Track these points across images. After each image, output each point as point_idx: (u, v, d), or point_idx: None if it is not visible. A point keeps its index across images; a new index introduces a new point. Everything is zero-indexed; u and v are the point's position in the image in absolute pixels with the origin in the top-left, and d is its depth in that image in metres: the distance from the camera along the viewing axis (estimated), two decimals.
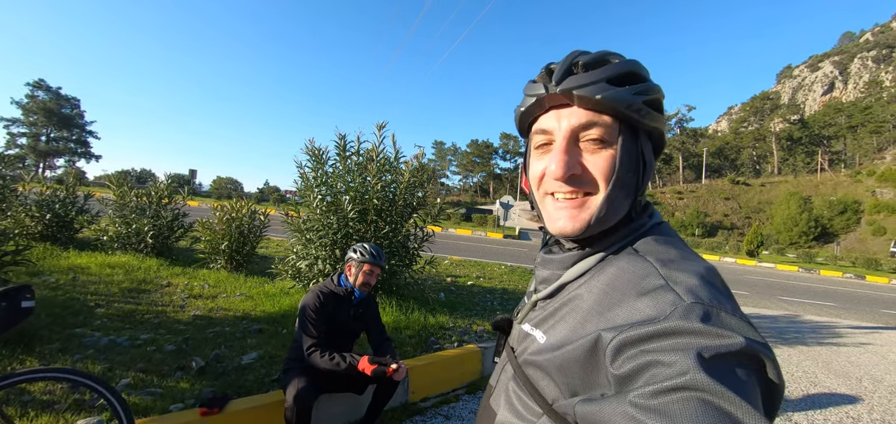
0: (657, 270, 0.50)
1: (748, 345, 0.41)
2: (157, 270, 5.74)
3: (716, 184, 62.31)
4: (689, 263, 0.51)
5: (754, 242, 29.78)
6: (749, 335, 0.42)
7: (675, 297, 0.46)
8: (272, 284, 5.53)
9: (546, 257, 0.66)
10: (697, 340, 0.41)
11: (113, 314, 4.00)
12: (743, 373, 0.40)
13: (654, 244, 0.56)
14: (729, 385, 0.38)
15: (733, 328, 0.42)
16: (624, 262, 0.55)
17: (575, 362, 0.50)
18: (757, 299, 10.13)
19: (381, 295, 5.06)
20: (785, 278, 17.08)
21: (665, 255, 0.53)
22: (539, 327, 0.61)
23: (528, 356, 0.60)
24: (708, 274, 0.50)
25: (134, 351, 3.26)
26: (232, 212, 6.24)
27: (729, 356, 0.40)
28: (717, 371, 0.39)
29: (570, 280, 0.60)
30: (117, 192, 6.73)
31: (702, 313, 0.43)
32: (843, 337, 6.76)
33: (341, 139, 4.89)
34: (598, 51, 0.59)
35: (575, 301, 0.57)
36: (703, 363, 0.39)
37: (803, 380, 4.49)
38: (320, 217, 4.71)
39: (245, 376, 3.04)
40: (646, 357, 0.42)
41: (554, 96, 0.57)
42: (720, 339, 0.41)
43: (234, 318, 4.22)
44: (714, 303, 0.45)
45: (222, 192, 52.23)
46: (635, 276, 0.51)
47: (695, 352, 0.40)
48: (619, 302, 0.50)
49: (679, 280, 0.48)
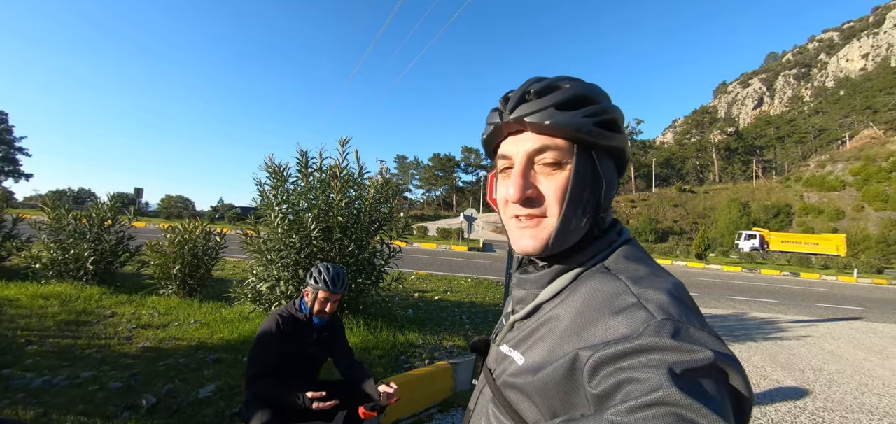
0: (629, 288, 0.52)
1: (717, 359, 0.43)
2: (100, 299, 5.28)
3: (665, 192, 66.06)
4: (659, 280, 0.54)
5: (701, 245, 31.79)
6: (717, 349, 0.44)
7: (647, 315, 0.47)
8: (230, 309, 5.23)
9: (521, 277, 0.67)
10: (669, 356, 0.42)
11: (47, 351, 3.63)
12: (713, 386, 0.42)
13: (625, 261, 0.59)
14: (700, 399, 0.39)
15: (702, 342, 0.44)
16: (597, 281, 0.56)
17: (554, 383, 0.50)
18: (707, 300, 10.77)
19: (348, 314, 4.92)
20: (730, 278, 18.30)
21: (636, 273, 0.56)
22: (517, 348, 0.61)
23: (507, 378, 0.60)
24: (676, 291, 0.52)
25: (73, 392, 2.96)
26: (184, 233, 5.87)
27: (699, 370, 0.42)
28: (688, 385, 0.40)
29: (546, 299, 0.61)
30: (52, 215, 6.15)
31: (672, 329, 0.45)
32: (785, 332, 7.30)
33: (303, 155, 4.74)
34: (554, 77, 0.61)
35: (552, 321, 0.58)
36: (674, 378, 0.40)
37: (754, 374, 4.79)
38: (282, 236, 4.52)
39: (202, 411, 2.84)
40: (621, 375, 0.44)
41: (509, 123, 0.60)
42: (690, 354, 0.42)
43: (188, 348, 3.94)
44: (683, 319, 0.47)
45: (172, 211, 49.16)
46: (609, 295, 0.53)
47: (667, 368, 0.41)
48: (594, 321, 0.51)
49: (650, 297, 0.50)
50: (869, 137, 63.26)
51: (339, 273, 2.29)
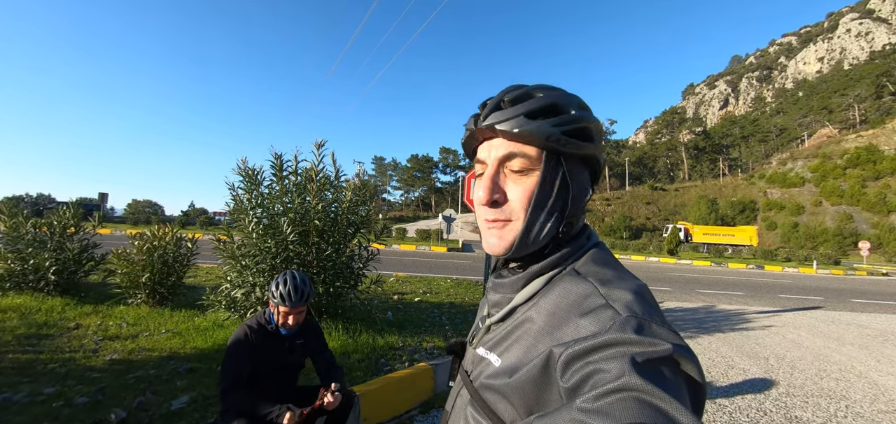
0: (597, 290, 0.55)
1: (675, 351, 0.46)
2: (62, 311, 5.04)
3: (638, 190, 68.04)
4: (625, 282, 0.57)
5: (673, 242, 32.87)
6: (676, 342, 0.48)
7: (613, 313, 0.51)
8: (203, 317, 5.09)
9: (496, 281, 0.69)
10: (632, 348, 0.46)
11: (6, 367, 3.45)
12: (671, 375, 0.46)
13: (594, 265, 0.62)
14: (659, 385, 0.43)
15: (662, 337, 0.48)
16: (568, 284, 0.59)
17: (530, 382, 0.53)
18: (679, 293, 11.15)
19: (326, 319, 4.86)
20: (701, 272, 19.01)
21: (604, 275, 0.59)
22: (494, 350, 0.63)
23: (484, 379, 0.61)
24: (641, 292, 0.56)
25: (35, 409, 2.82)
26: (154, 239, 5.67)
27: (659, 360, 0.46)
28: (648, 373, 0.44)
29: (520, 302, 0.63)
30: (9, 223, 5.82)
31: (636, 325, 0.49)
32: (751, 322, 7.64)
33: (277, 158, 4.66)
34: (532, 85, 0.64)
35: (526, 323, 0.60)
36: (636, 367, 0.44)
37: (722, 364, 5.00)
38: (256, 241, 4.43)
39: (176, 422, 2.75)
40: (589, 367, 0.47)
41: (482, 130, 0.63)
42: (651, 347, 0.46)
43: (159, 359, 3.82)
44: (646, 317, 0.50)
45: (140, 217, 47.19)
46: (579, 296, 0.56)
47: (629, 358, 0.45)
48: (566, 321, 0.54)
49: (616, 297, 0.54)
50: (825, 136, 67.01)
51: (300, 284, 2.20)
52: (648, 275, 15.93)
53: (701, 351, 5.54)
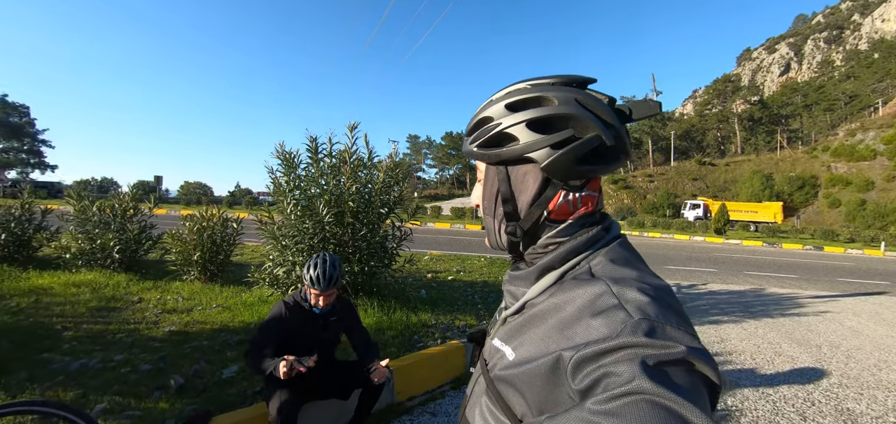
0: (610, 290, 0.54)
1: (689, 353, 0.46)
2: (127, 286, 5.54)
3: (684, 165, 64.44)
4: (641, 282, 0.56)
5: (721, 220, 31.08)
6: (691, 344, 0.47)
7: (625, 315, 0.50)
8: (250, 293, 5.43)
9: (512, 274, 0.70)
10: (644, 351, 0.46)
11: (82, 335, 3.85)
12: (685, 377, 0.45)
13: (611, 263, 0.60)
14: (672, 388, 0.42)
15: (676, 339, 0.47)
16: (581, 283, 0.58)
17: (539, 378, 0.53)
18: (724, 275, 10.61)
19: (362, 297, 5.04)
20: (751, 253, 17.94)
21: (619, 274, 0.58)
22: (508, 342, 0.64)
23: (498, 371, 0.62)
24: (657, 293, 0.54)
25: (108, 374, 3.15)
26: (202, 220, 6.06)
27: (671, 363, 0.45)
28: (661, 376, 0.43)
29: (533, 297, 0.64)
30: (78, 206, 6.42)
31: (648, 328, 0.48)
32: (804, 307, 7.18)
33: (312, 142, 4.81)
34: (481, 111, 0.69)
35: (538, 318, 0.60)
36: (647, 370, 0.44)
37: (768, 350, 4.76)
38: (295, 222, 4.64)
39: (227, 390, 3.00)
40: (601, 370, 0.47)
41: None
42: (664, 350, 0.46)
43: (211, 331, 4.13)
44: (660, 319, 0.49)
45: (191, 198, 50.38)
46: (592, 296, 0.55)
47: (640, 361, 0.44)
48: (577, 321, 0.54)
49: (630, 298, 0.52)
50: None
51: (329, 270, 2.31)
52: (692, 255, 15.24)
53: (745, 336, 5.29)
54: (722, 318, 6.14)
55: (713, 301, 7.43)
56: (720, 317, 6.20)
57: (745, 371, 4.17)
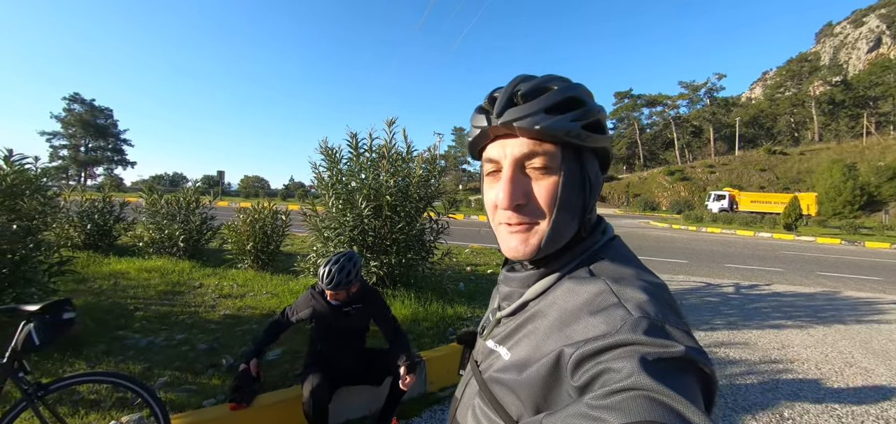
0: (610, 288, 0.54)
1: (687, 352, 0.45)
2: (190, 272, 6.06)
3: (750, 155, 59.47)
4: (639, 281, 0.56)
5: (792, 215, 28.33)
6: (689, 344, 0.47)
7: (624, 313, 0.50)
8: (296, 281, 5.74)
9: (508, 275, 0.69)
10: (643, 348, 0.45)
11: (151, 316, 4.27)
12: (683, 375, 0.45)
13: (609, 263, 0.60)
14: (670, 385, 0.42)
15: (675, 338, 0.47)
16: (580, 282, 0.58)
17: (539, 379, 0.53)
18: (791, 275, 9.71)
19: (400, 288, 5.17)
20: (825, 252, 16.23)
21: (617, 273, 0.58)
22: (503, 344, 0.63)
23: (493, 373, 0.62)
24: (656, 291, 0.54)
25: (170, 351, 3.49)
26: (255, 213, 6.49)
27: (670, 361, 0.45)
28: (659, 373, 0.43)
29: (531, 298, 0.63)
30: (148, 199, 7.10)
31: (648, 325, 0.48)
32: (885, 314, 6.42)
33: (353, 138, 4.99)
34: (541, 77, 0.60)
35: (536, 319, 0.60)
36: (646, 366, 0.43)
37: (837, 360, 4.33)
38: (336, 215, 4.84)
39: (271, 371, 3.21)
40: (600, 367, 0.47)
41: (497, 127, 0.60)
42: (663, 348, 0.45)
43: (261, 316, 4.43)
44: (659, 317, 0.49)
45: (250, 191, 53.93)
46: (591, 295, 0.55)
47: (639, 357, 0.44)
48: (576, 320, 0.54)
49: (629, 296, 0.52)
50: None
51: (337, 273, 2.41)
52: (755, 253, 14.07)
53: (811, 343, 4.84)
54: (785, 322, 5.64)
55: (776, 303, 6.84)
56: (783, 321, 5.70)
57: (807, 381, 3.82)
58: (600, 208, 25.70)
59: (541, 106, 0.57)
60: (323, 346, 2.55)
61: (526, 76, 0.61)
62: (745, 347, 4.61)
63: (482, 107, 0.64)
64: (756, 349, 4.57)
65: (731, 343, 4.73)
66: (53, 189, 4.36)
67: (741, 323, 5.53)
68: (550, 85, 0.59)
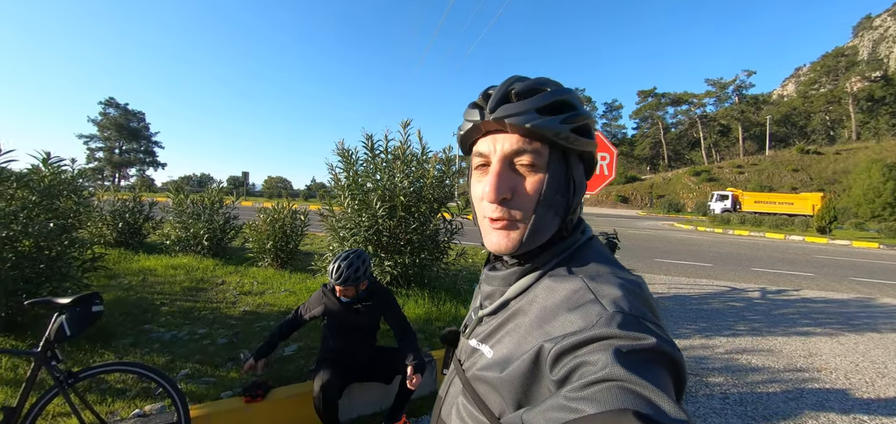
0: (587, 285, 0.56)
1: (658, 344, 0.47)
2: (213, 270, 6.27)
3: (782, 154, 57.12)
4: (615, 278, 0.58)
5: (826, 217, 27.03)
6: (660, 335, 0.49)
7: (600, 309, 0.52)
8: (314, 279, 5.87)
9: (490, 274, 0.71)
10: (617, 342, 0.48)
11: (175, 311, 4.45)
12: (655, 366, 0.47)
13: (586, 261, 0.62)
14: (642, 375, 0.44)
15: (648, 331, 0.49)
16: (559, 280, 0.60)
17: (520, 376, 0.55)
18: (823, 281, 9.29)
19: (414, 287, 5.22)
20: (861, 256, 15.45)
21: (594, 271, 0.60)
22: (485, 342, 0.65)
23: (476, 371, 0.64)
24: (631, 287, 0.56)
25: (192, 345, 3.63)
26: (275, 213, 6.66)
27: (642, 352, 0.47)
28: (632, 364, 0.45)
29: (513, 296, 0.64)
30: (175, 199, 7.40)
31: (622, 319, 0.50)
32: None
33: (369, 139, 5.06)
34: (534, 78, 0.63)
35: (517, 316, 0.62)
36: (620, 358, 0.45)
37: (869, 370, 4.13)
38: (352, 215, 4.93)
39: (286, 366, 3.30)
40: (577, 360, 0.49)
41: (489, 122, 0.62)
42: (636, 340, 0.47)
43: (278, 313, 4.55)
44: (633, 312, 0.51)
45: (273, 192, 55.26)
46: (569, 292, 0.57)
47: (613, 350, 0.46)
48: (555, 316, 0.56)
49: (605, 293, 0.54)
50: None
51: (346, 270, 2.49)
52: (784, 257, 13.52)
53: (841, 352, 4.63)
54: (813, 330, 5.42)
55: (805, 309, 6.56)
56: (812, 328, 5.47)
57: (834, 391, 3.66)
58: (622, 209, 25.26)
59: (533, 105, 0.59)
60: (334, 343, 2.60)
61: (520, 77, 0.64)
62: (769, 354, 4.45)
63: (476, 102, 0.66)
64: (781, 356, 4.41)
65: (754, 349, 4.58)
66: (88, 189, 4.58)
67: (766, 329, 5.33)
68: (544, 86, 0.62)
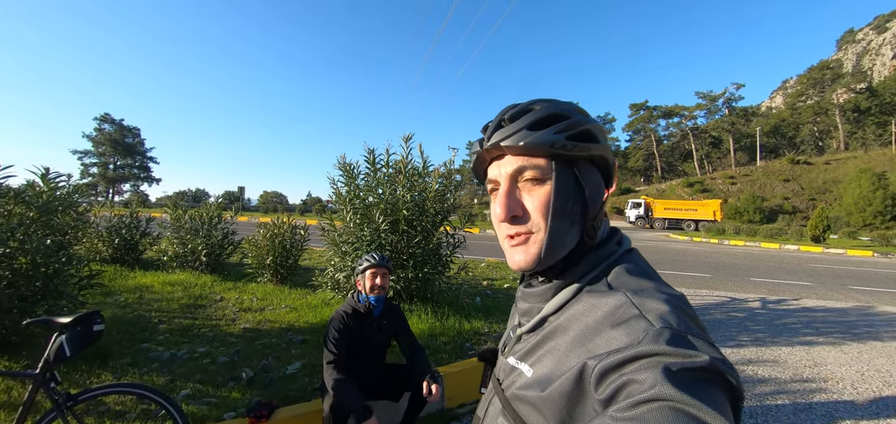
0: (630, 300, 0.54)
1: (711, 362, 0.45)
2: (211, 286, 6.18)
3: (773, 165, 57.83)
4: (659, 293, 0.56)
5: (820, 226, 27.32)
6: (712, 354, 0.46)
7: (646, 324, 0.50)
8: (314, 295, 5.79)
9: (526, 291, 0.70)
10: (666, 359, 0.45)
11: (174, 329, 4.36)
12: (708, 385, 0.44)
13: (627, 275, 0.60)
14: (695, 395, 0.42)
15: (698, 347, 0.47)
16: (600, 295, 0.58)
17: (562, 395, 0.53)
18: (821, 289, 9.33)
19: (416, 302, 5.17)
20: (857, 264, 15.57)
21: (636, 285, 0.58)
22: (525, 360, 0.63)
23: (516, 390, 0.62)
24: (677, 302, 0.54)
25: (192, 364, 3.54)
26: (274, 228, 6.60)
27: (694, 371, 0.44)
28: (683, 383, 0.43)
29: (550, 313, 0.63)
30: (173, 215, 7.31)
31: (670, 336, 0.48)
32: None
33: (370, 153, 5.06)
34: (527, 102, 0.65)
35: (557, 333, 0.60)
36: (670, 377, 0.43)
37: (875, 380, 4.12)
38: (354, 229, 4.89)
39: (290, 385, 3.23)
40: (623, 379, 0.46)
41: (490, 150, 0.65)
42: (686, 358, 0.45)
43: (279, 330, 4.47)
44: (681, 328, 0.49)
45: (269, 206, 54.98)
46: (611, 308, 0.55)
47: (663, 368, 0.44)
48: (598, 333, 0.54)
49: (650, 308, 0.52)
50: None
51: (380, 255, 2.57)
52: (781, 266, 13.60)
53: (846, 361, 4.62)
54: (816, 339, 5.41)
55: (806, 318, 6.57)
56: (814, 338, 5.46)
57: (842, 402, 3.64)
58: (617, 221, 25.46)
59: (523, 124, 0.61)
60: (347, 362, 2.52)
61: (514, 105, 0.66)
62: (774, 365, 4.43)
63: (480, 137, 0.69)
64: (786, 367, 4.39)
65: (759, 360, 4.55)
66: (84, 205, 4.52)
67: (769, 339, 5.32)
68: (534, 106, 0.63)
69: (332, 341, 2.38)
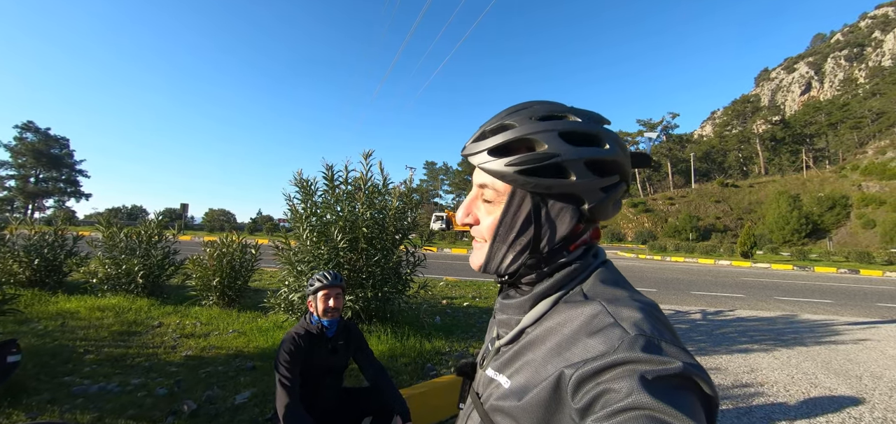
0: (606, 309, 0.55)
1: (685, 369, 0.46)
2: (148, 310, 5.66)
3: (705, 187, 63.09)
4: (633, 301, 0.57)
5: (747, 243, 30.02)
6: (686, 360, 0.47)
7: (621, 332, 0.50)
8: (265, 318, 5.47)
9: (504, 302, 0.69)
10: (642, 367, 0.46)
11: (103, 359, 3.93)
12: (683, 392, 0.45)
13: (602, 285, 0.61)
14: (671, 403, 0.42)
15: (672, 354, 0.48)
16: (576, 305, 0.59)
17: (539, 404, 0.53)
18: (752, 301, 10.17)
19: (376, 322, 5.02)
20: (780, 277, 17.19)
21: (611, 295, 0.59)
22: (503, 371, 0.63)
23: (494, 402, 0.61)
24: (650, 310, 0.55)
25: (125, 398, 3.19)
26: (222, 246, 6.19)
27: (669, 378, 0.45)
28: (659, 391, 0.43)
29: (528, 324, 0.63)
30: (106, 232, 6.66)
31: (644, 343, 0.48)
32: (841, 335, 6.79)
33: (329, 170, 4.92)
34: (505, 113, 0.64)
35: (534, 344, 0.60)
36: (646, 385, 0.44)
37: (803, 382, 4.50)
38: (310, 248, 4.70)
39: (238, 416, 2.99)
40: (600, 387, 0.47)
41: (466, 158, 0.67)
42: (661, 365, 0.46)
43: (226, 356, 4.16)
44: (655, 335, 0.50)
45: (215, 225, 51.79)
46: (587, 317, 0.55)
47: (638, 376, 0.45)
48: (574, 342, 0.54)
49: (625, 316, 0.53)
50: None
51: (332, 274, 2.43)
52: (717, 280, 14.71)
53: (778, 366, 5.02)
54: (752, 346, 5.85)
55: (742, 328, 7.11)
56: (750, 345, 5.91)
57: (777, 404, 3.93)
58: None
59: (485, 147, 0.62)
60: (302, 388, 2.36)
61: (499, 114, 0.65)
62: (717, 372, 4.72)
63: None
64: (727, 373, 4.69)
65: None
66: None
67: (711, 348, 5.68)
68: (510, 125, 0.62)
69: (284, 364, 2.19)
